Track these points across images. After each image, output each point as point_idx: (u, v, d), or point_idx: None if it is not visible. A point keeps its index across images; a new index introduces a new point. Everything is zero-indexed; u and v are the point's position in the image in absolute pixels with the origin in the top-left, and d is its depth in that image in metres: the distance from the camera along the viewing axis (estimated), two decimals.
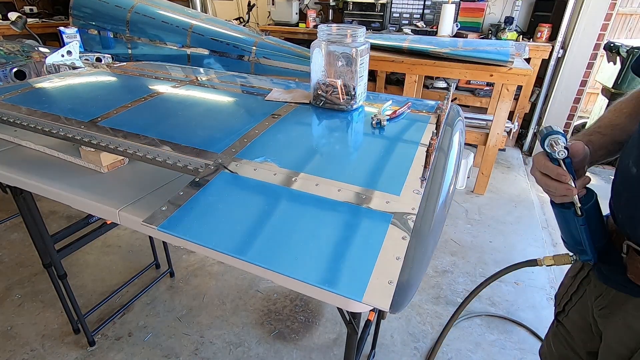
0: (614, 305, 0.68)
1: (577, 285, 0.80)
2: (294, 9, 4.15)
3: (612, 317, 0.68)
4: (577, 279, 0.81)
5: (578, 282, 0.80)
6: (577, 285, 0.80)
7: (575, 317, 0.81)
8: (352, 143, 0.91)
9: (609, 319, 0.69)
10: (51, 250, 1.36)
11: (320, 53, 0.98)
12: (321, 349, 1.62)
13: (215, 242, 0.58)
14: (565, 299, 0.84)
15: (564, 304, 0.85)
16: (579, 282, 0.80)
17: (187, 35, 2.36)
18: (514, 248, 2.29)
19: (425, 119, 0.99)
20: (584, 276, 0.79)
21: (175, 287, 1.94)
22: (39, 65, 1.87)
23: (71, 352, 1.57)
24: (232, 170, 0.74)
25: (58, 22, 4.02)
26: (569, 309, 0.83)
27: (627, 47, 3.00)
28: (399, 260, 0.53)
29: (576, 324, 0.81)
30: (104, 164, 0.98)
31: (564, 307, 0.85)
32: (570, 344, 0.84)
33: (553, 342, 0.89)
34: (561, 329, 0.87)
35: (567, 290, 0.84)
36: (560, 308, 0.86)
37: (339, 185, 0.68)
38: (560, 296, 0.86)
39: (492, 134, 2.65)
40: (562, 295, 0.85)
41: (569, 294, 0.83)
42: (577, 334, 0.81)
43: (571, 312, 0.83)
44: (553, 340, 0.90)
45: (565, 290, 0.85)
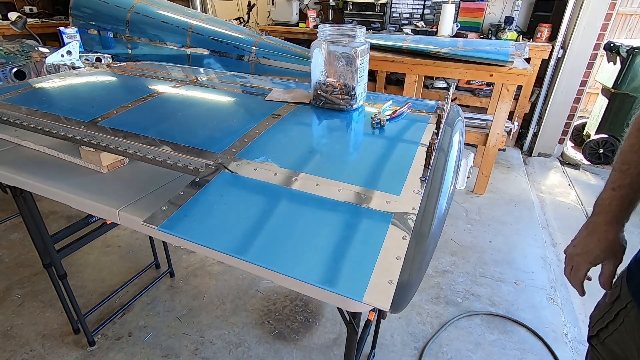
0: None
1: (615, 314, 0.75)
2: (294, 9, 4.15)
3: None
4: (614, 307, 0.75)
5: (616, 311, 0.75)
6: (615, 314, 0.75)
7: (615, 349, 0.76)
8: (352, 143, 0.91)
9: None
10: (51, 250, 1.36)
11: (320, 53, 0.98)
12: (321, 349, 1.62)
13: (216, 242, 0.58)
14: (599, 324, 0.79)
15: (598, 329, 0.79)
16: (616, 311, 0.74)
17: (187, 35, 2.36)
18: (514, 248, 2.29)
19: (425, 119, 0.99)
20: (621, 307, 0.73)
21: (175, 287, 1.94)
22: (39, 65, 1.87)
23: (71, 352, 1.57)
24: (232, 170, 0.74)
25: (58, 22, 4.02)
26: (605, 336, 0.78)
27: (627, 47, 3.00)
28: (399, 260, 0.53)
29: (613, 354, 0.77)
30: (104, 164, 0.98)
31: (598, 333, 0.80)
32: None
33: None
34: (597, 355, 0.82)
35: (604, 316, 0.78)
36: (593, 332, 0.81)
37: (339, 185, 0.68)
38: (595, 320, 0.81)
39: (492, 134, 2.65)
40: (597, 319, 0.80)
41: (605, 321, 0.77)
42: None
43: (608, 341, 0.78)
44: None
45: (600, 315, 0.79)
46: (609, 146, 3.34)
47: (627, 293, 0.72)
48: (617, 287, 0.76)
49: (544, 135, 3.52)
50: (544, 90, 3.43)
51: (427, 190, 0.66)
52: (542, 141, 3.55)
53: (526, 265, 2.15)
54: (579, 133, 3.77)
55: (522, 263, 2.16)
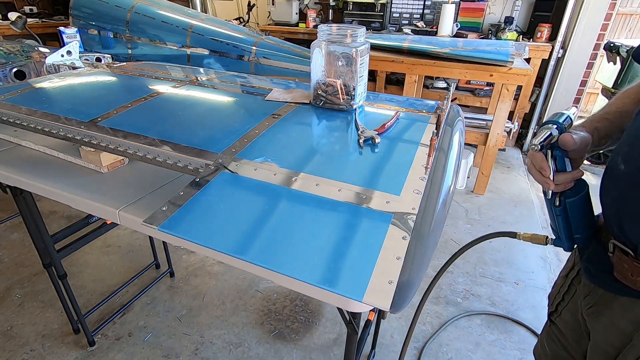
0: (601, 305, 0.68)
1: (569, 284, 0.81)
2: (294, 9, 4.15)
3: (599, 316, 0.68)
4: (568, 278, 0.81)
5: (569, 281, 0.81)
6: (569, 284, 0.81)
7: (567, 317, 0.82)
8: (352, 143, 0.91)
9: (596, 317, 0.69)
10: (51, 250, 1.36)
11: (320, 53, 0.97)
12: (321, 349, 1.62)
13: (216, 242, 0.58)
14: (557, 298, 0.85)
15: (557, 303, 0.85)
16: (569, 281, 0.80)
17: (187, 35, 2.36)
18: (514, 248, 2.29)
19: (425, 119, 0.99)
20: (574, 275, 0.79)
21: (175, 287, 1.94)
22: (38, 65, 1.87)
23: (71, 352, 1.57)
24: (232, 170, 0.74)
25: (58, 22, 4.02)
26: (562, 308, 0.84)
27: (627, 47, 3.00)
28: (400, 260, 0.53)
29: (568, 323, 0.82)
30: (104, 164, 0.98)
31: (557, 307, 0.85)
32: (563, 343, 0.84)
33: (547, 341, 0.90)
34: (554, 328, 0.87)
35: (559, 290, 0.84)
36: (553, 308, 0.87)
37: (339, 185, 0.68)
38: (553, 296, 0.87)
39: (492, 134, 2.65)
40: (555, 295, 0.86)
41: (561, 293, 0.83)
42: (570, 333, 0.82)
43: (563, 312, 0.83)
44: (546, 340, 0.90)
45: (557, 290, 0.85)
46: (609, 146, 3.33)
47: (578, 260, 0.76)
48: (570, 261, 0.82)
49: None
50: (544, 90, 3.43)
51: (427, 190, 0.66)
52: None
53: (526, 265, 2.15)
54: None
55: (522, 263, 2.16)
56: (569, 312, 0.81)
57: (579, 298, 0.76)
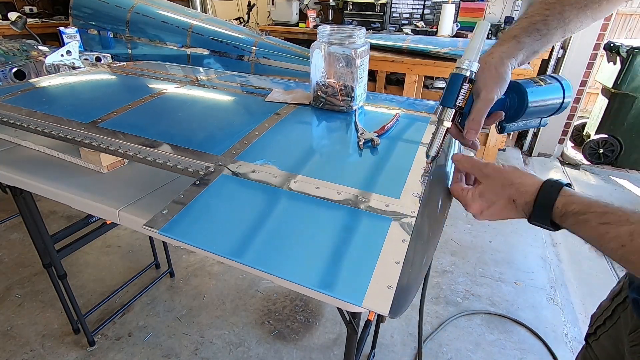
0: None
1: (612, 309, 0.74)
2: (294, 9, 4.15)
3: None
4: (613, 303, 0.74)
5: (614, 306, 0.74)
6: (612, 309, 0.74)
7: (606, 343, 0.76)
8: (351, 145, 0.91)
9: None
10: (51, 250, 1.36)
11: (320, 54, 0.97)
12: (321, 349, 1.62)
13: (216, 246, 0.58)
14: (598, 322, 0.78)
15: (596, 327, 0.79)
16: (614, 306, 0.74)
17: (187, 35, 2.35)
18: (514, 248, 2.29)
19: (425, 119, 0.99)
20: (620, 301, 0.72)
21: (175, 287, 1.94)
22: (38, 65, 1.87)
23: (71, 352, 1.57)
24: (232, 172, 0.74)
25: (58, 22, 4.01)
26: (601, 333, 0.78)
27: (627, 47, 3.00)
28: (399, 264, 0.53)
29: (605, 349, 0.76)
30: (103, 164, 0.98)
31: (596, 331, 0.79)
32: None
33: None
34: (590, 352, 0.81)
35: (603, 314, 0.77)
36: (592, 330, 0.81)
37: (338, 188, 0.68)
38: (595, 318, 0.80)
39: (492, 134, 2.65)
40: (597, 317, 0.79)
41: (603, 317, 0.77)
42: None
43: (602, 337, 0.77)
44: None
45: (601, 312, 0.79)
46: (609, 146, 3.34)
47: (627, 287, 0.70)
48: (619, 284, 0.75)
49: (544, 136, 3.52)
50: None
51: (426, 193, 0.66)
52: (542, 141, 3.54)
53: (526, 265, 2.15)
54: (579, 133, 3.77)
55: (522, 263, 2.17)
56: (609, 339, 0.75)
57: (622, 328, 0.71)
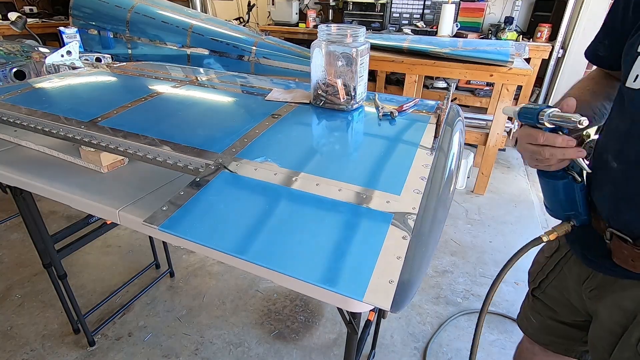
0: (603, 288, 0.72)
1: (554, 264, 0.87)
2: (294, 9, 4.16)
3: (602, 298, 0.72)
4: (553, 259, 0.87)
5: (555, 261, 0.86)
6: (554, 264, 0.87)
7: (553, 293, 0.88)
8: (352, 143, 0.91)
9: (600, 300, 0.72)
10: (51, 250, 1.36)
11: (320, 53, 0.97)
12: (321, 349, 1.62)
13: (216, 242, 0.58)
14: (540, 276, 0.91)
15: (540, 281, 0.91)
16: (556, 261, 0.86)
17: (187, 35, 2.36)
18: (514, 248, 2.27)
19: (425, 119, 0.99)
20: (561, 257, 0.85)
21: (175, 287, 1.94)
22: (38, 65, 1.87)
23: (71, 352, 1.57)
24: (232, 170, 0.74)
25: (58, 22, 4.02)
26: (545, 286, 0.90)
27: None
28: (400, 259, 0.53)
29: (554, 298, 0.88)
30: (104, 164, 0.98)
31: (540, 284, 0.92)
32: (550, 314, 0.91)
33: (532, 315, 0.96)
34: (538, 303, 0.93)
35: (543, 269, 0.90)
36: (535, 284, 0.93)
37: (339, 185, 0.68)
38: (535, 273, 0.93)
39: (492, 134, 2.65)
40: (537, 272, 0.92)
41: (545, 272, 0.89)
42: (558, 306, 0.88)
43: (548, 289, 0.90)
44: (532, 313, 0.96)
45: (540, 267, 0.92)
46: None
47: (565, 244, 0.83)
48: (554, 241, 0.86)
49: None
50: (544, 90, 3.43)
51: (427, 190, 0.66)
52: None
53: (526, 265, 2.13)
54: None
55: (522, 263, 2.14)
56: (555, 289, 0.87)
57: (568, 279, 0.82)
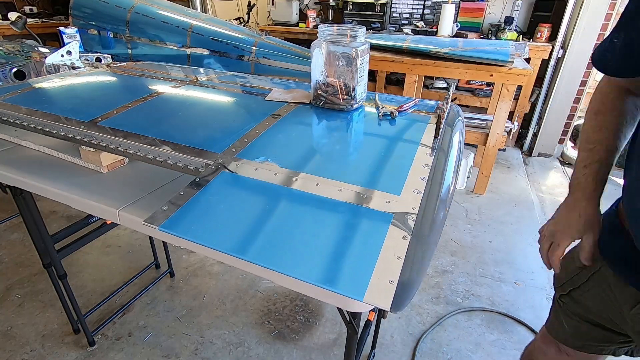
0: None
1: (588, 277, 0.84)
2: (294, 9, 4.15)
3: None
4: (586, 271, 0.84)
5: (589, 274, 0.84)
6: (588, 277, 0.84)
7: (590, 304, 0.85)
8: (352, 143, 0.91)
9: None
10: (51, 250, 1.36)
11: (320, 53, 0.97)
12: (321, 349, 1.62)
13: (216, 242, 0.58)
14: (569, 285, 0.89)
15: (569, 289, 0.89)
16: (589, 274, 0.84)
17: (187, 35, 2.36)
18: (514, 248, 2.29)
19: (425, 119, 0.99)
20: (595, 270, 0.82)
21: (175, 287, 1.94)
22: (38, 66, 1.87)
23: (71, 352, 1.57)
24: (232, 170, 0.74)
25: (58, 22, 4.02)
26: (576, 295, 0.88)
27: None
28: (400, 259, 0.53)
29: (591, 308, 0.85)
30: (104, 164, 0.98)
31: (570, 292, 0.89)
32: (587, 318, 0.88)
33: (564, 320, 0.93)
34: (571, 306, 0.90)
35: (573, 278, 0.88)
36: (564, 291, 0.91)
37: (339, 185, 0.68)
38: (563, 281, 0.91)
39: (492, 134, 2.65)
40: (566, 281, 0.90)
41: (578, 282, 0.87)
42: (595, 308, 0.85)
43: (580, 299, 0.87)
44: (563, 318, 0.94)
45: (570, 277, 0.88)
46: None
47: (599, 257, 0.79)
48: None
49: (544, 135, 3.52)
50: (544, 90, 3.43)
51: (427, 190, 0.66)
52: (542, 141, 3.55)
53: (526, 265, 2.15)
54: (579, 133, 3.76)
55: (522, 263, 2.16)
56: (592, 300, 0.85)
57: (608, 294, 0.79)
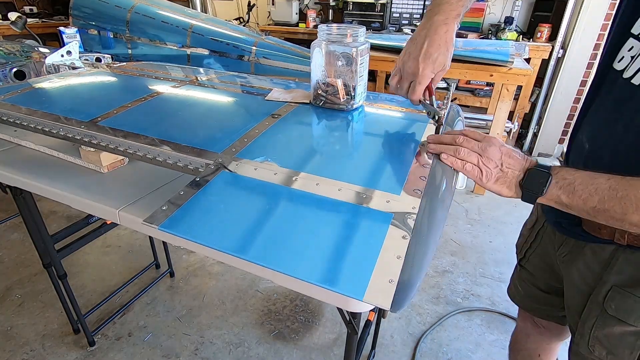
0: (575, 252, 0.80)
1: (535, 235, 0.96)
2: (294, 9, 4.15)
3: (574, 261, 0.80)
4: (534, 230, 0.96)
5: (535, 232, 0.96)
6: (535, 235, 0.96)
7: (536, 261, 0.98)
8: (352, 143, 0.91)
9: (572, 263, 0.81)
10: (51, 250, 1.36)
11: (320, 53, 0.97)
12: (321, 349, 1.62)
13: (216, 242, 0.58)
14: (525, 247, 1.01)
15: (525, 251, 1.01)
16: (536, 232, 0.96)
17: (187, 35, 2.36)
18: (513, 248, 2.28)
19: (425, 119, 0.99)
20: (540, 227, 0.95)
21: (175, 287, 1.94)
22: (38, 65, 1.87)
23: (71, 352, 1.57)
24: (232, 169, 0.74)
25: (58, 22, 4.01)
26: (529, 255, 1.00)
27: None
28: (400, 259, 0.53)
29: (537, 266, 0.98)
30: (104, 164, 0.98)
31: (525, 254, 1.01)
32: (534, 282, 1.01)
33: (519, 284, 1.07)
34: (524, 272, 1.03)
35: (527, 240, 1.00)
36: (522, 255, 1.03)
37: (339, 185, 0.68)
38: (521, 245, 1.03)
39: (492, 134, 2.65)
40: (523, 244, 1.02)
41: (529, 242, 0.99)
42: (539, 273, 0.98)
43: (531, 257, 0.99)
44: (519, 282, 1.07)
45: (524, 239, 1.01)
46: None
47: (542, 215, 0.92)
48: (533, 215, 0.99)
49: (544, 135, 3.52)
50: (544, 90, 3.43)
51: (427, 190, 0.66)
52: (542, 141, 3.54)
53: None
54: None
55: None
56: (537, 257, 0.97)
57: (548, 245, 0.91)
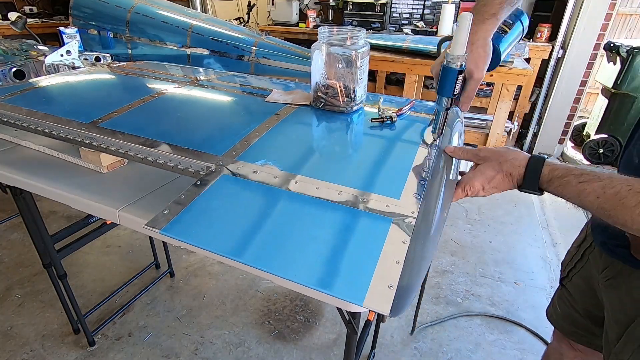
0: (619, 278, 0.75)
1: (581, 254, 0.91)
2: (294, 9, 4.15)
3: (617, 287, 0.75)
4: (581, 248, 0.91)
5: (582, 251, 0.91)
6: (581, 254, 0.91)
7: (578, 281, 0.93)
8: (352, 146, 0.91)
9: (614, 288, 0.76)
10: (51, 250, 1.36)
11: (320, 55, 0.97)
12: (321, 349, 1.62)
13: (217, 246, 0.58)
14: (569, 265, 0.95)
15: (568, 270, 0.96)
16: (582, 251, 0.91)
17: (187, 35, 2.35)
18: (513, 248, 2.29)
19: (424, 120, 0.99)
20: (587, 246, 0.89)
21: (175, 287, 1.94)
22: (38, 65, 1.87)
23: (71, 352, 1.57)
24: (233, 172, 0.74)
25: (58, 22, 4.01)
26: (573, 275, 0.95)
27: (627, 47, 2.99)
28: (399, 264, 0.53)
29: (578, 287, 0.93)
30: (103, 164, 0.98)
31: (568, 273, 0.96)
32: (573, 304, 0.96)
33: (558, 303, 1.02)
34: (565, 292, 0.98)
35: (572, 258, 0.95)
36: (564, 274, 0.98)
37: (339, 189, 0.68)
38: (566, 263, 0.98)
39: (492, 134, 2.65)
40: (568, 262, 0.97)
41: (574, 261, 0.94)
42: (580, 296, 0.93)
43: (574, 278, 0.94)
44: (558, 301, 1.02)
45: (570, 257, 0.96)
46: (609, 146, 3.34)
47: (590, 234, 0.88)
48: (582, 232, 0.94)
49: (544, 135, 3.52)
50: (544, 90, 3.42)
51: (426, 194, 0.66)
52: (542, 141, 3.54)
53: (526, 265, 2.15)
54: (579, 133, 3.76)
55: (522, 263, 2.17)
56: (580, 278, 0.92)
57: (593, 267, 0.86)
